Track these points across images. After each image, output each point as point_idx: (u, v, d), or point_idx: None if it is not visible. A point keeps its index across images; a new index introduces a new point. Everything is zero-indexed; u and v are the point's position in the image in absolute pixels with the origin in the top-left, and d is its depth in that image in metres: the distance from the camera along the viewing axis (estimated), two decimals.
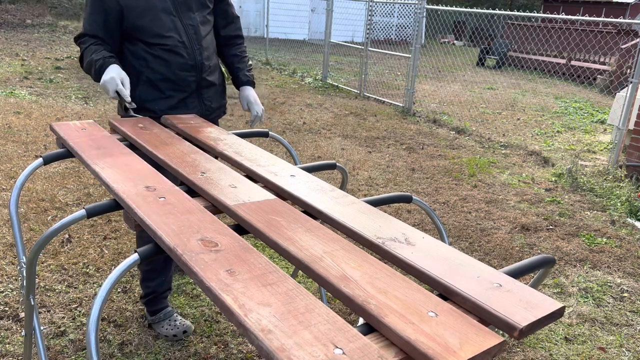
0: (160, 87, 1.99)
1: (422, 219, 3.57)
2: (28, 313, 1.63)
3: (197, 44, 2.01)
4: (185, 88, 2.02)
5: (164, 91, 2.00)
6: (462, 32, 19.75)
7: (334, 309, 2.47)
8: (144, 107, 2.00)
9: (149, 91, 1.99)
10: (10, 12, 13.99)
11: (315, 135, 5.57)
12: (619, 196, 4.20)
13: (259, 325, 0.83)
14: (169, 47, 1.95)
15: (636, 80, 4.80)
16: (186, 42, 1.98)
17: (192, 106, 2.07)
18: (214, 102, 2.15)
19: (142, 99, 1.99)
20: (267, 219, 1.21)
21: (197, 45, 2.01)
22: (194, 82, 2.03)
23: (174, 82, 1.99)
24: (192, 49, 2.00)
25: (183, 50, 1.97)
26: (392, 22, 16.69)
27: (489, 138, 6.04)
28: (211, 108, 2.14)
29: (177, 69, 1.98)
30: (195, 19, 2.02)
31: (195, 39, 2.01)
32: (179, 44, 1.96)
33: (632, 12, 18.32)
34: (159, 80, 1.98)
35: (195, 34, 2.01)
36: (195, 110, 2.08)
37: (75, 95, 6.51)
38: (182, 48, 1.97)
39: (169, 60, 1.96)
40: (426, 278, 1.03)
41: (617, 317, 2.60)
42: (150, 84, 1.98)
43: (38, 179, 3.74)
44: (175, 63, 1.97)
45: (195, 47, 2.01)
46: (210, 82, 2.10)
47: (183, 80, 2.00)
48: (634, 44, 9.85)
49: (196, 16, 2.02)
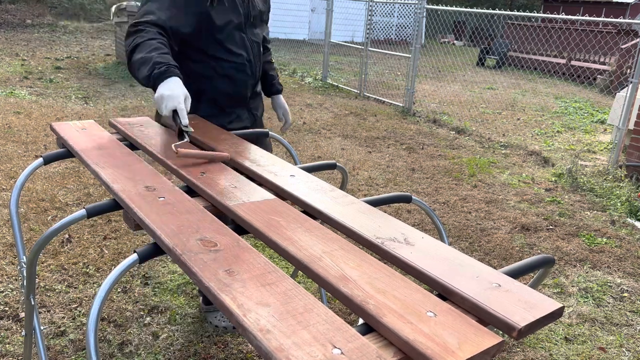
0: (221, 104, 1.93)
1: (422, 219, 3.57)
2: (28, 313, 1.63)
3: (258, 60, 1.98)
4: (242, 103, 2.00)
5: (224, 107, 1.95)
6: (462, 32, 19.75)
7: (334, 309, 2.47)
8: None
9: (209, 108, 1.92)
10: (10, 12, 13.99)
11: (315, 135, 5.57)
12: (619, 196, 4.20)
13: (258, 325, 0.83)
14: (237, 65, 1.89)
15: (636, 80, 4.80)
16: (252, 59, 1.94)
17: (244, 118, 2.04)
18: (259, 111, 2.13)
19: (203, 115, 1.93)
20: (266, 219, 1.21)
21: (258, 62, 1.99)
22: (248, 96, 2.01)
23: (234, 98, 1.95)
24: (255, 66, 1.96)
25: (249, 68, 1.93)
26: (392, 22, 16.68)
27: (489, 138, 6.04)
28: (257, 117, 2.12)
29: (241, 87, 1.94)
30: (259, 35, 1.98)
31: (257, 56, 1.97)
32: (246, 62, 1.92)
33: (632, 12, 18.31)
34: (221, 96, 1.92)
35: (258, 51, 1.97)
36: (247, 122, 2.05)
37: (75, 95, 6.51)
38: (248, 66, 1.93)
39: (235, 78, 1.90)
40: (425, 278, 1.03)
41: (617, 317, 2.60)
42: (212, 101, 1.92)
43: (38, 179, 3.74)
44: (240, 81, 1.92)
45: (257, 64, 1.98)
46: (257, 93, 2.08)
47: (242, 97, 1.98)
48: (634, 44, 9.84)
49: (259, 32, 1.98)
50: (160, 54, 1.59)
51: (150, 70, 1.56)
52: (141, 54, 1.60)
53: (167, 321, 2.31)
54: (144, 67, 1.58)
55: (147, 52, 1.59)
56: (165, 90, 1.53)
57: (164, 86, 1.54)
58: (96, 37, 12.42)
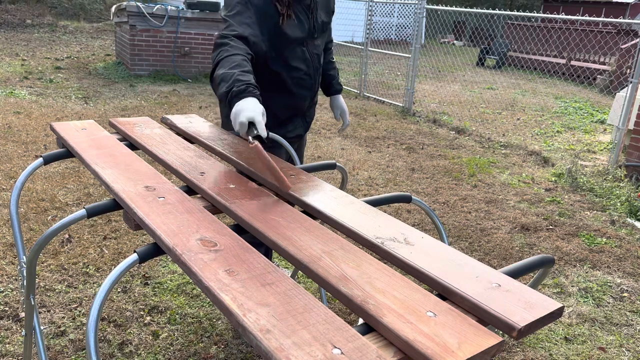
0: (279, 116, 1.95)
1: (422, 219, 3.57)
2: (28, 313, 1.63)
3: (318, 72, 1.98)
4: (299, 113, 2.02)
5: (281, 119, 1.97)
6: (462, 32, 19.74)
7: (334, 309, 2.47)
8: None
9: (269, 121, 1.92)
10: (10, 12, 13.99)
11: (315, 135, 5.57)
12: (618, 196, 4.20)
13: (258, 325, 0.83)
14: (297, 80, 1.90)
15: (636, 80, 4.80)
16: (312, 73, 1.94)
17: (298, 126, 2.05)
18: (312, 117, 2.14)
19: None
20: (266, 219, 1.21)
21: (318, 74, 1.98)
22: (305, 108, 2.02)
23: (292, 109, 1.97)
24: (314, 79, 1.96)
25: (308, 82, 1.94)
26: (392, 22, 16.68)
27: (489, 138, 6.04)
28: (309, 123, 2.14)
29: (300, 100, 1.95)
30: (319, 47, 1.97)
31: (317, 68, 1.97)
32: (305, 77, 1.91)
33: (632, 12, 18.32)
34: (281, 110, 1.94)
35: (318, 63, 1.97)
36: (300, 130, 2.06)
37: (75, 95, 6.51)
38: (308, 80, 1.93)
39: (294, 92, 1.91)
40: (425, 278, 1.03)
41: (617, 317, 2.60)
42: (272, 115, 1.92)
43: (38, 179, 3.74)
44: (299, 95, 1.93)
45: (316, 76, 1.97)
46: (314, 103, 2.09)
47: (300, 109, 1.99)
48: (634, 44, 9.85)
49: (320, 44, 1.97)
50: (242, 71, 1.57)
51: (230, 87, 1.53)
52: (224, 70, 1.58)
53: (167, 321, 2.31)
54: (224, 84, 1.56)
55: (229, 68, 1.57)
56: (241, 105, 1.49)
57: (241, 104, 1.49)
58: (96, 37, 12.42)
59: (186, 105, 6.39)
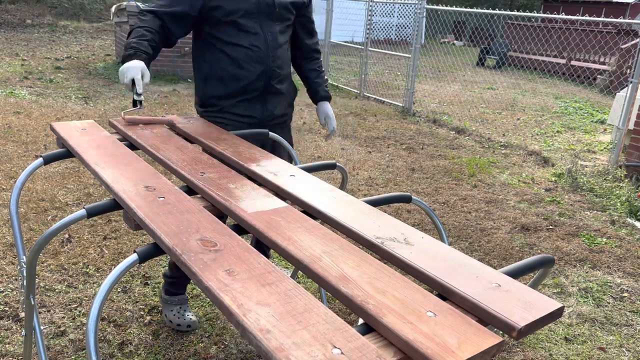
0: (229, 85, 2.04)
1: (422, 219, 3.58)
2: (28, 313, 1.63)
3: (272, 51, 2.05)
4: (252, 91, 2.06)
5: (231, 89, 2.04)
6: (462, 32, 19.74)
7: (334, 309, 2.47)
8: (209, 102, 2.06)
9: (217, 87, 2.04)
10: (10, 12, 14.00)
11: (315, 135, 5.57)
12: (618, 196, 4.20)
13: (258, 325, 0.83)
14: (245, 50, 2.00)
15: (636, 80, 4.80)
16: (262, 47, 2.03)
17: (254, 108, 2.09)
18: (277, 110, 2.16)
19: (209, 94, 2.05)
20: (266, 219, 1.21)
21: (272, 53, 2.05)
22: (261, 87, 2.07)
23: (242, 84, 2.04)
24: (266, 55, 2.04)
25: (258, 54, 2.02)
26: (392, 22, 16.67)
27: (489, 138, 6.05)
28: (272, 114, 2.14)
29: (249, 73, 2.02)
30: (275, 27, 2.07)
31: (271, 46, 2.05)
32: (254, 48, 2.01)
33: (632, 12, 18.31)
34: (229, 79, 2.03)
35: (272, 41, 2.05)
36: (256, 113, 2.10)
37: (75, 95, 6.51)
38: (258, 52, 2.02)
39: (242, 63, 2.01)
40: (425, 278, 1.03)
41: (617, 317, 2.60)
42: (220, 81, 2.03)
43: (38, 179, 3.74)
44: (247, 66, 2.02)
45: (270, 53, 2.05)
46: (278, 90, 2.12)
47: (251, 83, 2.05)
48: (634, 44, 9.85)
49: (275, 25, 2.07)
50: (138, 39, 1.89)
51: (124, 52, 1.88)
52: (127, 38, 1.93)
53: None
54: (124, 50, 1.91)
55: (130, 38, 1.90)
56: (128, 64, 1.82)
57: (127, 65, 1.83)
58: (96, 37, 12.42)
59: (186, 105, 6.39)
